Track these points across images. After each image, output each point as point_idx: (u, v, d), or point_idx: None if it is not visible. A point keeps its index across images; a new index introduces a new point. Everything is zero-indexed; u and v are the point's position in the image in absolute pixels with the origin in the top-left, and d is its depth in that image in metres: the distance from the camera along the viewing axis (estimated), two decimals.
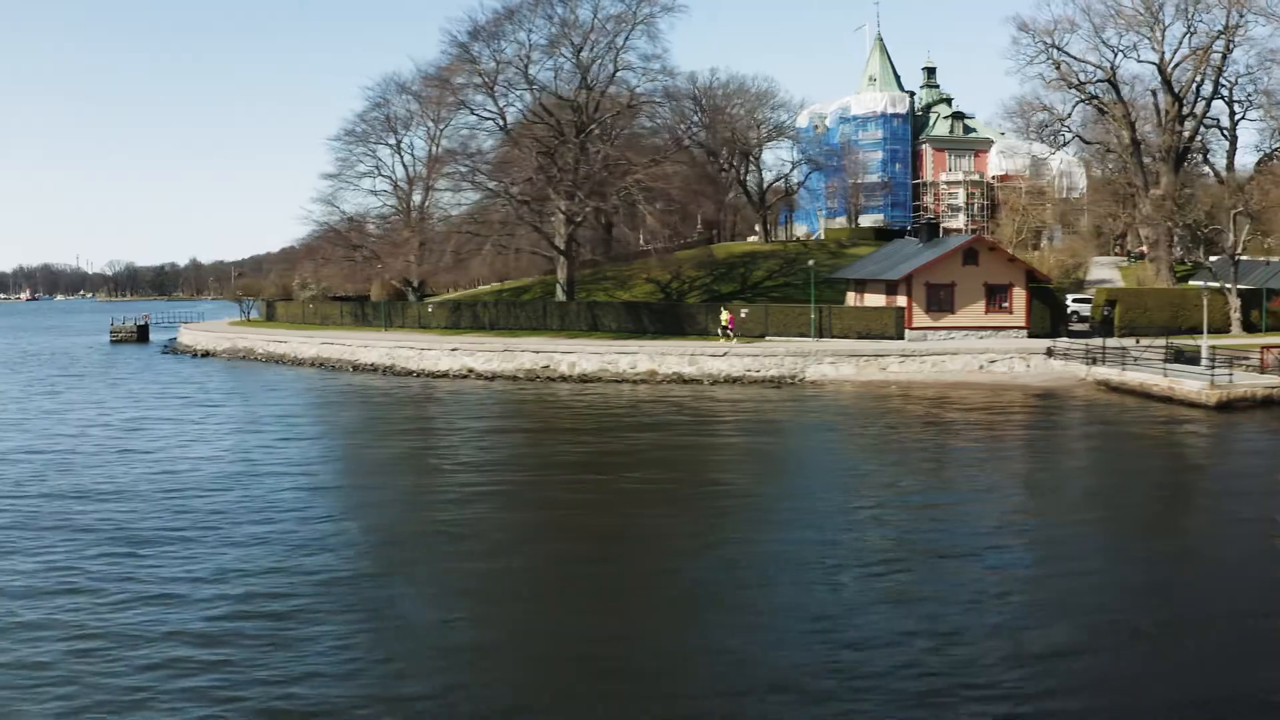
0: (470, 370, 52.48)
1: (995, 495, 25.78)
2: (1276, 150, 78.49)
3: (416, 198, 69.18)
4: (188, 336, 78.48)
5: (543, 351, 51.94)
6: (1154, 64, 73.82)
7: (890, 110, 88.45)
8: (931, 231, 57.83)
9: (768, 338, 53.98)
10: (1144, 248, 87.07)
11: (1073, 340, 51.64)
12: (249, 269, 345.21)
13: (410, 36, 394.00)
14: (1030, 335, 54.03)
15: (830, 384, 47.37)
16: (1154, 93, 75.77)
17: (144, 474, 28.19)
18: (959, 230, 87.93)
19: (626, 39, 58.96)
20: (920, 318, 52.86)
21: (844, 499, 25.17)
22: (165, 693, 13.70)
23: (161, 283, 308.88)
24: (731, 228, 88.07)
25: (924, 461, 30.55)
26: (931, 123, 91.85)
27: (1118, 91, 74.60)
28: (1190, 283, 68.24)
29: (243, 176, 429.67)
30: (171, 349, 76.48)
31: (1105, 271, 79.38)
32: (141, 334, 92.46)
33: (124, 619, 16.42)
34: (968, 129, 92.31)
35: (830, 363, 48.82)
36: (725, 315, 54.80)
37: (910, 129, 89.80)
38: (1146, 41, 73.94)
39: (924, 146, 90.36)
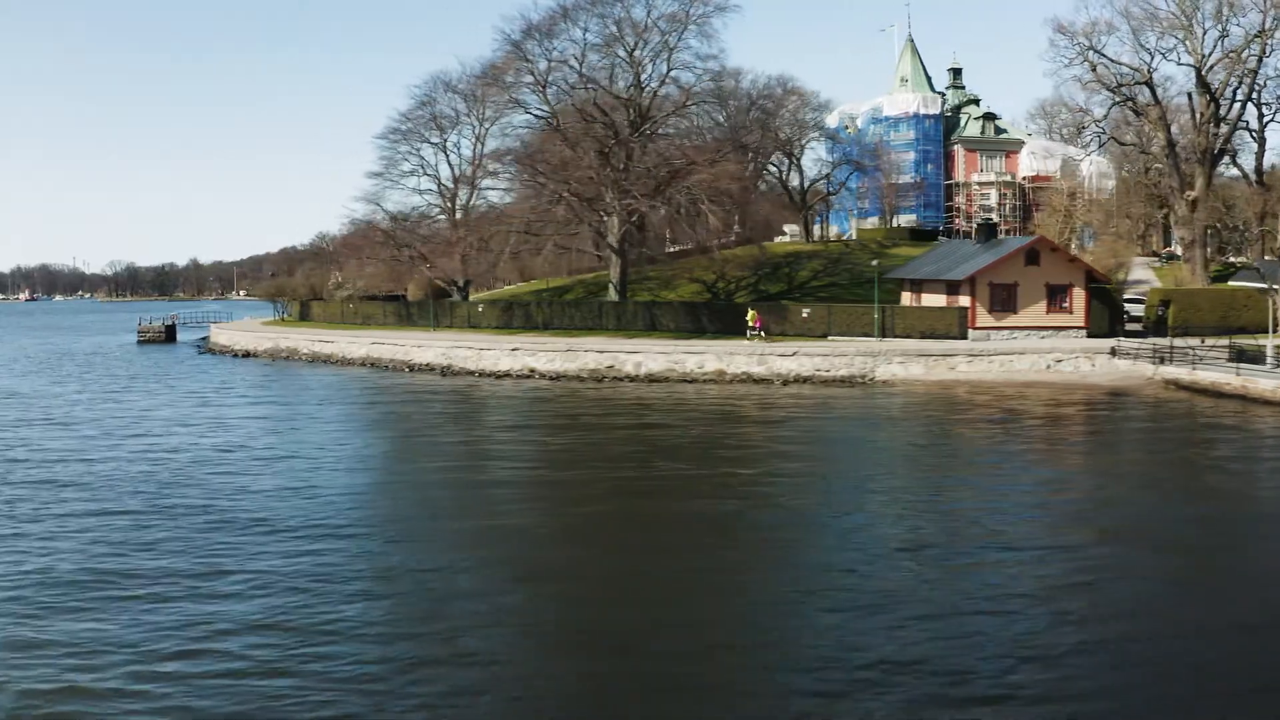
0: (533, 370, 52.22)
1: (1121, 491, 25.78)
2: None
3: (461, 196, 68.84)
4: (223, 336, 78.01)
5: (606, 351, 51.71)
6: (1192, 66, 74.08)
7: (923, 111, 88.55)
8: (990, 232, 57.80)
9: (830, 337, 53.87)
10: (1173, 248, 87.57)
11: (1141, 341, 51.60)
12: (248, 269, 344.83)
13: (412, 38, 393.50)
14: (1089, 335, 54.07)
15: (900, 383, 47.29)
16: (1189, 95, 76.06)
17: (309, 480, 27.83)
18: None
19: (680, 38, 58.82)
20: (983, 318, 52.84)
21: (970, 495, 25.07)
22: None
23: (163, 283, 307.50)
24: (764, 228, 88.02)
25: (1037, 461, 30.54)
26: (963, 124, 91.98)
27: (1154, 94, 74.82)
28: (1230, 283, 68.52)
29: (238, 177, 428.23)
30: (207, 349, 76.02)
31: (1141, 272, 79.58)
32: (169, 334, 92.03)
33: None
34: (998, 130, 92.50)
35: (900, 362, 48.74)
36: (751, 315, 55.05)
37: (942, 130, 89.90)
38: (1182, 44, 74.37)
39: (955, 147, 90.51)
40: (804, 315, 54.75)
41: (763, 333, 53.95)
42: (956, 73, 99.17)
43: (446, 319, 65.19)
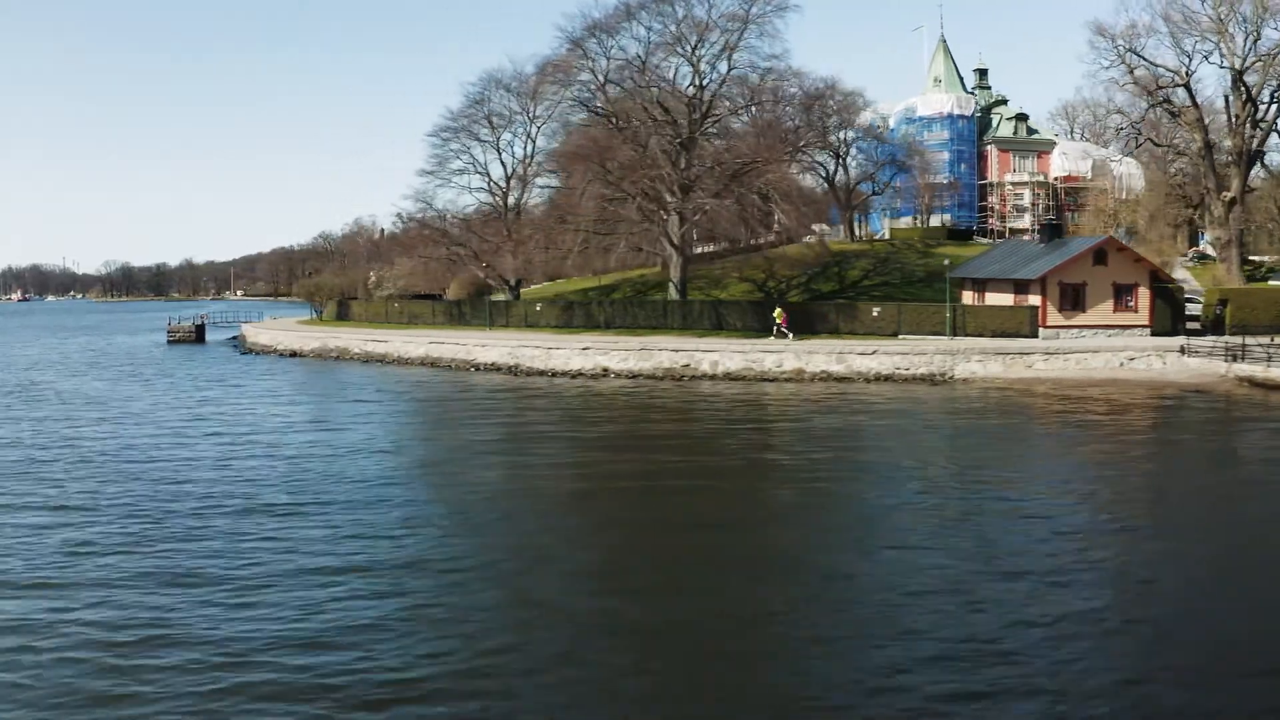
0: (606, 369, 52.17)
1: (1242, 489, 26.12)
2: None
3: (513, 195, 68.72)
4: (263, 336, 77.55)
5: (682, 350, 51.74)
6: (1229, 68, 74.77)
7: (957, 111, 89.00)
8: (1055, 232, 58.18)
9: (901, 336, 54.10)
10: (1201, 248, 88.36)
11: (1210, 339, 52.03)
12: (242, 269, 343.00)
13: (412, 38, 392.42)
14: (1153, 334, 54.54)
15: (980, 382, 47.51)
16: (1225, 98, 76.78)
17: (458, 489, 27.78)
18: (1025, 230, 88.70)
19: (740, 38, 58.94)
20: (1054, 316, 53.21)
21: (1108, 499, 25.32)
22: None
23: (158, 283, 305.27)
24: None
25: (1143, 458, 30.95)
26: (995, 124, 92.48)
27: (1192, 96, 75.53)
28: (1271, 282, 69.36)
29: (230, 178, 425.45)
30: (246, 348, 75.58)
31: (1180, 272, 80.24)
32: (199, 334, 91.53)
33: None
34: (1030, 130, 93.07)
35: (978, 360, 49.01)
36: (778, 313, 55.67)
37: (975, 130, 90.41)
38: (1218, 48, 75.06)
39: (989, 147, 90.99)
40: (874, 314, 54.97)
41: (789, 333, 54.47)
42: (982, 73, 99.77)
43: (502, 318, 65.05)
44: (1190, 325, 59.78)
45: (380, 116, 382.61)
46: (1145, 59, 75.37)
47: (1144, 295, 54.75)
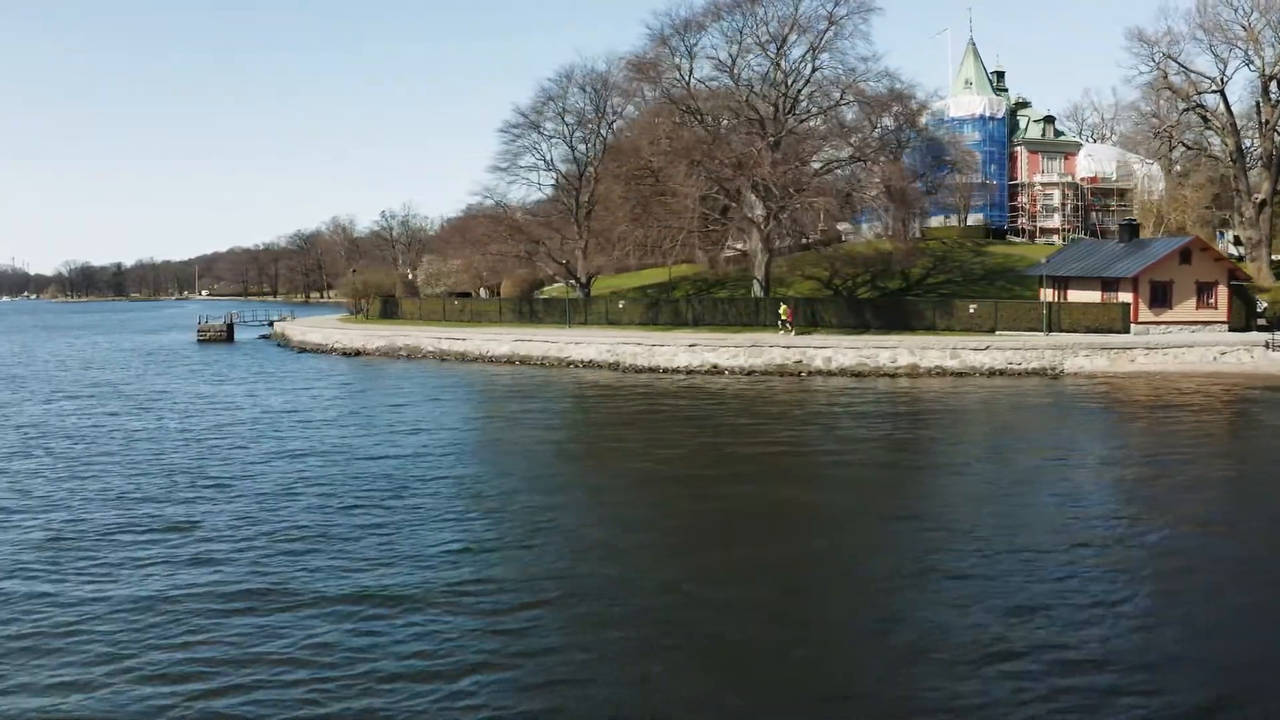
0: (715, 366, 52.57)
1: None
2: None
3: (579, 190, 68.69)
4: (315, 335, 76.59)
5: (794, 346, 52.37)
6: (1260, 74, 77.45)
7: (988, 113, 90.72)
8: (1133, 232, 59.82)
9: (997, 332, 55.27)
10: (1222, 248, 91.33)
11: None
12: (200, 268, 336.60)
13: (362, 37, 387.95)
14: (1229, 329, 56.44)
15: (1088, 376, 48.77)
16: (1257, 103, 79.46)
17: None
18: (1056, 230, 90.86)
19: (823, 38, 59.75)
20: (1144, 313, 54.83)
21: None
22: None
23: (119, 283, 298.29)
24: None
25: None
26: (1024, 126, 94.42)
27: (1226, 102, 78.14)
28: None
29: (180, 178, 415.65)
30: (298, 347, 74.58)
31: None
32: (229, 333, 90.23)
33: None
34: (1057, 132, 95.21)
35: (1085, 355, 50.35)
36: (783, 308, 58.20)
37: (1006, 131, 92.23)
38: (1247, 54, 77.77)
39: (1019, 149, 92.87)
40: (971, 311, 56.13)
41: (793, 327, 57.06)
42: (999, 75, 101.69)
43: (580, 315, 65.05)
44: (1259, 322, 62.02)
45: (347, 117, 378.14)
46: (1183, 65, 78.05)
47: (1223, 293, 56.63)
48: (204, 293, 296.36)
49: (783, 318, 58.11)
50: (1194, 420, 36.39)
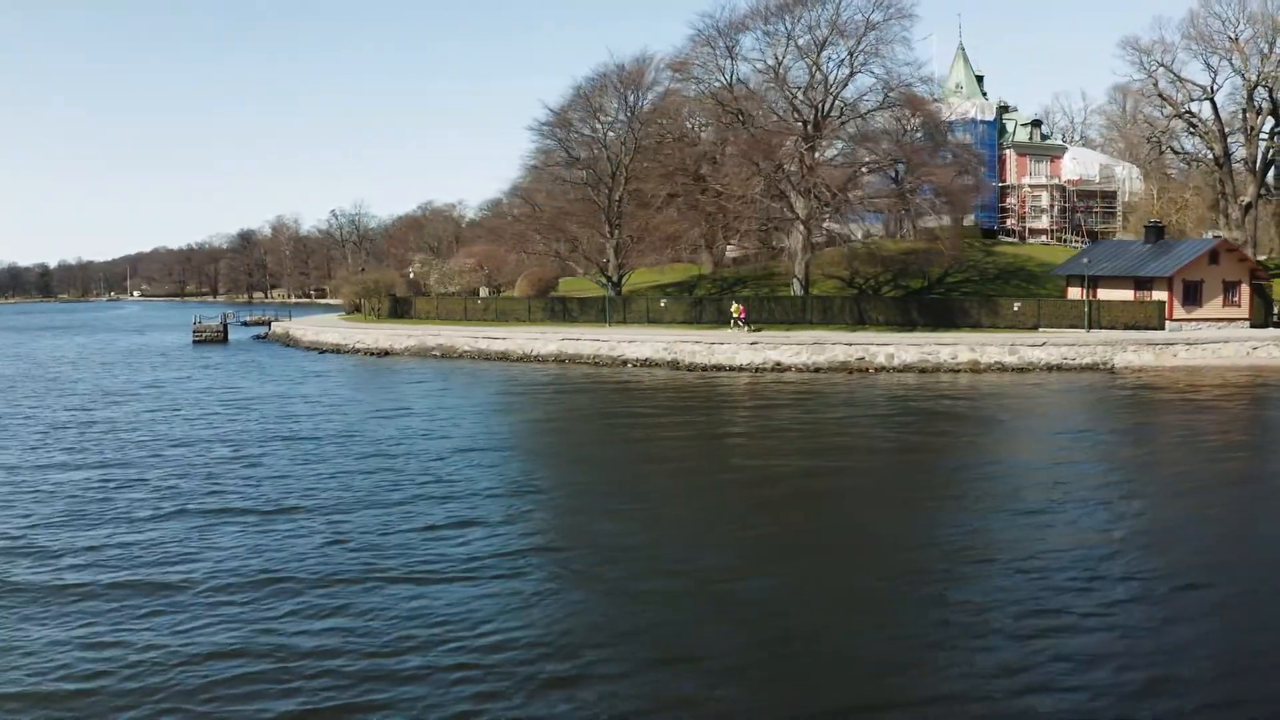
0: (779, 364, 53.47)
1: None
2: None
3: (611, 189, 69.01)
4: (331, 335, 75.33)
5: (855, 344, 53.58)
6: (1245, 84, 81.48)
7: (980, 117, 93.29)
8: (1158, 234, 62.40)
9: (1040, 329, 57.22)
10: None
11: None
12: (127, 267, 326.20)
13: (302, 36, 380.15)
14: (1251, 326, 59.36)
15: (1137, 370, 50.92)
16: (1243, 111, 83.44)
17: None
18: (1045, 230, 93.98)
19: (860, 43, 61.16)
20: (1178, 311, 57.38)
21: None
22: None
23: (46, 284, 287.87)
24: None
25: None
26: (1011, 129, 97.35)
27: (1216, 110, 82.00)
28: None
29: (101, 178, 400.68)
30: (315, 347, 73.38)
31: None
32: (224, 334, 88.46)
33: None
34: (1043, 136, 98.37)
35: (1133, 351, 52.54)
36: (736, 307, 60.81)
37: (996, 135, 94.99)
38: (1231, 63, 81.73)
39: (1008, 152, 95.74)
40: (1015, 309, 58.06)
41: (746, 325, 59.67)
42: (979, 79, 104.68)
43: (619, 314, 65.32)
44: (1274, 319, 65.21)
45: (279, 118, 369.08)
46: (1175, 73, 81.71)
47: (1245, 291, 59.51)
48: (136, 294, 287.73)
49: (735, 316, 60.45)
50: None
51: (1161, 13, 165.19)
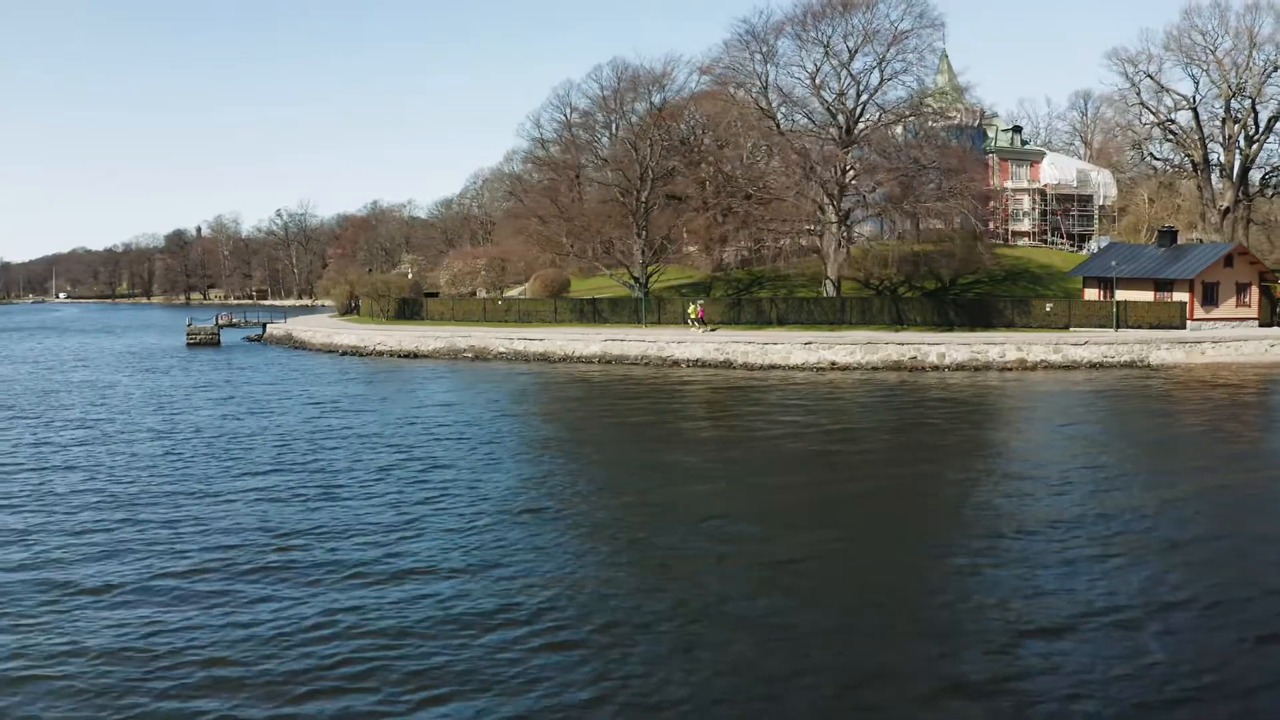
0: (833, 363, 54.86)
1: None
2: None
3: (640, 190, 69.75)
4: (347, 337, 74.07)
5: (907, 344, 55.25)
6: (1223, 96, 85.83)
7: (965, 122, 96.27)
8: (1172, 238, 65.57)
9: (1071, 328, 59.68)
10: None
11: None
12: (44, 268, 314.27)
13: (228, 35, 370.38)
14: (1260, 325, 62.87)
15: (1170, 366, 53.66)
16: (1222, 120, 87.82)
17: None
18: (1027, 233, 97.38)
19: (886, 54, 63.13)
20: (1197, 311, 60.45)
21: None
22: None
23: None
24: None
25: None
26: (993, 135, 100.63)
27: (1197, 119, 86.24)
28: None
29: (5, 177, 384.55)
30: (329, 349, 72.24)
31: None
32: (218, 337, 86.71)
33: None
34: (1023, 141, 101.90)
35: (1165, 349, 55.33)
36: (692, 308, 64.32)
37: (981, 140, 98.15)
38: (1209, 73, 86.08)
39: (990, 156, 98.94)
40: (1047, 309, 60.44)
41: (702, 324, 62.90)
42: (961, 89, 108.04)
43: (653, 314, 66.02)
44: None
45: (203, 118, 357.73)
46: (1160, 83, 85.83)
47: (1254, 292, 62.96)
48: (61, 295, 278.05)
49: (693, 315, 63.70)
50: None
51: (1146, 24, 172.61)
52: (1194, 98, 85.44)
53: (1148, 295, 62.39)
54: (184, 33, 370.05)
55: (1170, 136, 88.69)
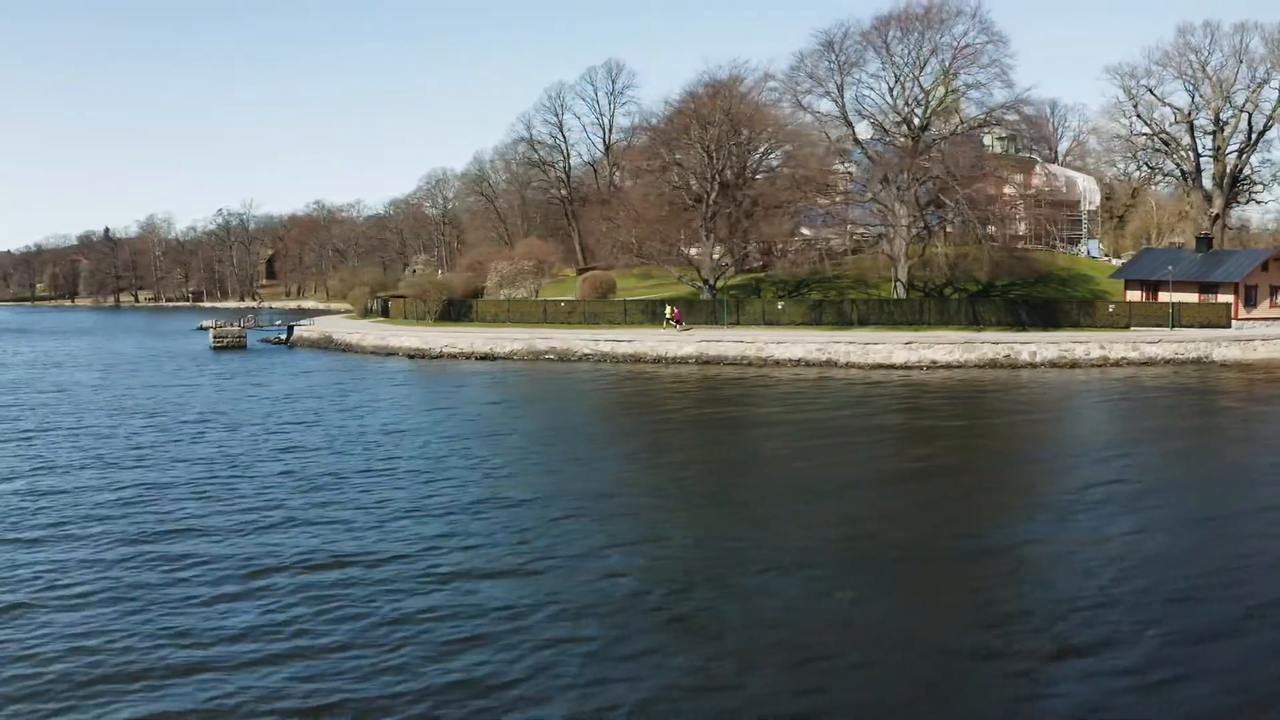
0: (934, 362, 58.02)
1: None
2: None
3: (708, 194, 71.96)
4: (409, 339, 73.50)
5: (1001, 343, 58.84)
6: (1214, 109, 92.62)
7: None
8: (1208, 244, 70.89)
9: (1131, 328, 64.20)
10: None
11: None
12: None
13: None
14: None
15: (1232, 362, 58.53)
16: (1212, 132, 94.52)
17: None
18: (1023, 238, 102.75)
19: (952, 62, 66.98)
20: (1240, 311, 65.73)
21: None
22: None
23: None
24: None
25: None
26: (988, 142, 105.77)
27: (1192, 132, 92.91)
28: None
29: None
30: (382, 352, 71.65)
31: None
32: (245, 340, 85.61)
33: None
34: (1017, 149, 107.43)
35: (1225, 346, 60.21)
36: (670, 309, 68.36)
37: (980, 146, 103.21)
38: (1198, 90, 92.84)
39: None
40: (1110, 310, 64.87)
41: (678, 325, 67.26)
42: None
43: (733, 316, 68.20)
44: None
45: (134, 121, 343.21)
46: (1158, 95, 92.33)
47: None
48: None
49: (669, 317, 67.45)
50: None
51: (1147, 42, 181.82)
52: (1189, 110, 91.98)
53: (1192, 297, 67.42)
54: (104, 33, 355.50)
55: (1164, 146, 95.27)
